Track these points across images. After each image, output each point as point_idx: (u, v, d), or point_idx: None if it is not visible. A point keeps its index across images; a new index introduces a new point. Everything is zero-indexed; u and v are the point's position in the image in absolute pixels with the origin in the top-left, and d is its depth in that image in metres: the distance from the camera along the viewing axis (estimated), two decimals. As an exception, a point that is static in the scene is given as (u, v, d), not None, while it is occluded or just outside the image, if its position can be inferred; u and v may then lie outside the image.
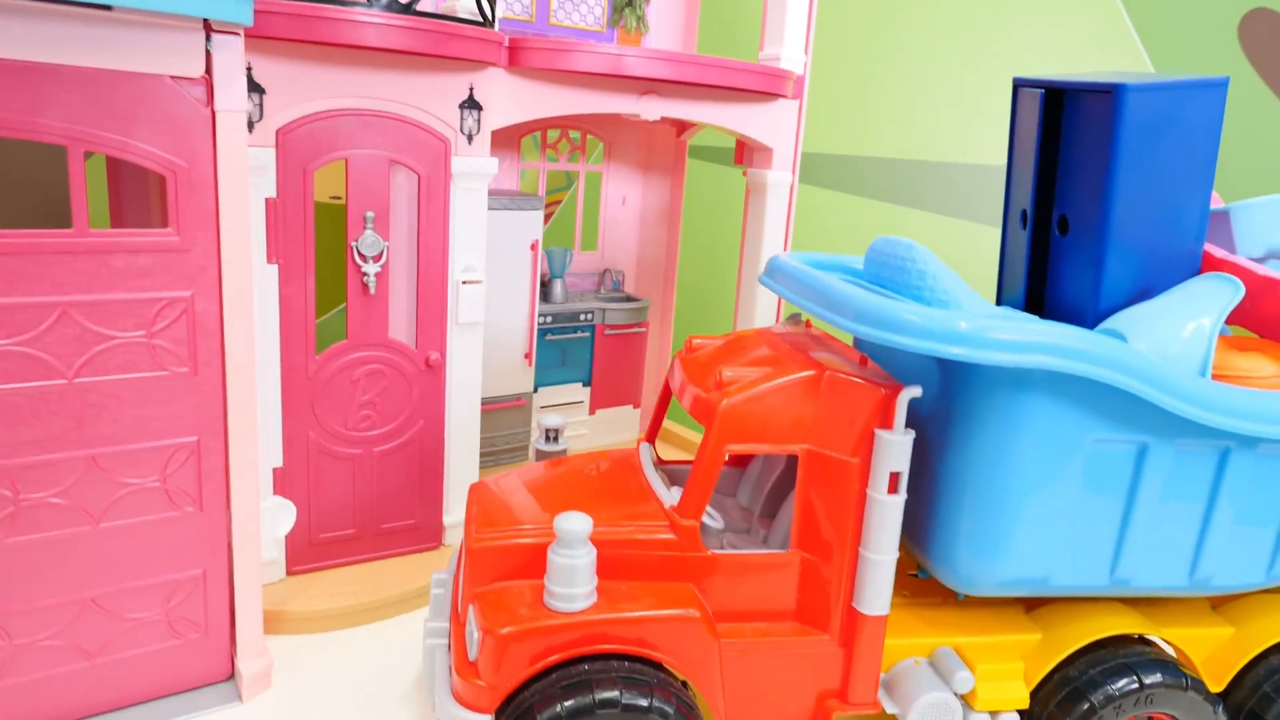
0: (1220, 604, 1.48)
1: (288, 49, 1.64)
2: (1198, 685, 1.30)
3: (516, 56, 1.88)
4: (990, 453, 1.24)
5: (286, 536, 1.85)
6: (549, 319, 2.58)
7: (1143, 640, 1.38)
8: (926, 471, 1.33)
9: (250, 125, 1.63)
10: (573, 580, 1.19)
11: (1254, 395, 1.23)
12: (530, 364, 2.50)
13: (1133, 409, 1.21)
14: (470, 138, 1.87)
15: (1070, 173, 1.46)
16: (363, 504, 1.93)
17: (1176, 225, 1.40)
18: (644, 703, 1.16)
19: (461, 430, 2.02)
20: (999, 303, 1.66)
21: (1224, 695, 1.40)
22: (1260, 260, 1.49)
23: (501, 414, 2.50)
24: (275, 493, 1.80)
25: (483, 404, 2.42)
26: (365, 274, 1.80)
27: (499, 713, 1.19)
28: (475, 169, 1.88)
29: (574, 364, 2.71)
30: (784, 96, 2.31)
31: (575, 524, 1.18)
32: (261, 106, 1.64)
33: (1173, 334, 1.28)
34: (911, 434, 1.22)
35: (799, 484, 1.27)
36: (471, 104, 1.86)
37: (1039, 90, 1.47)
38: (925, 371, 1.35)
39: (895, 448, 1.21)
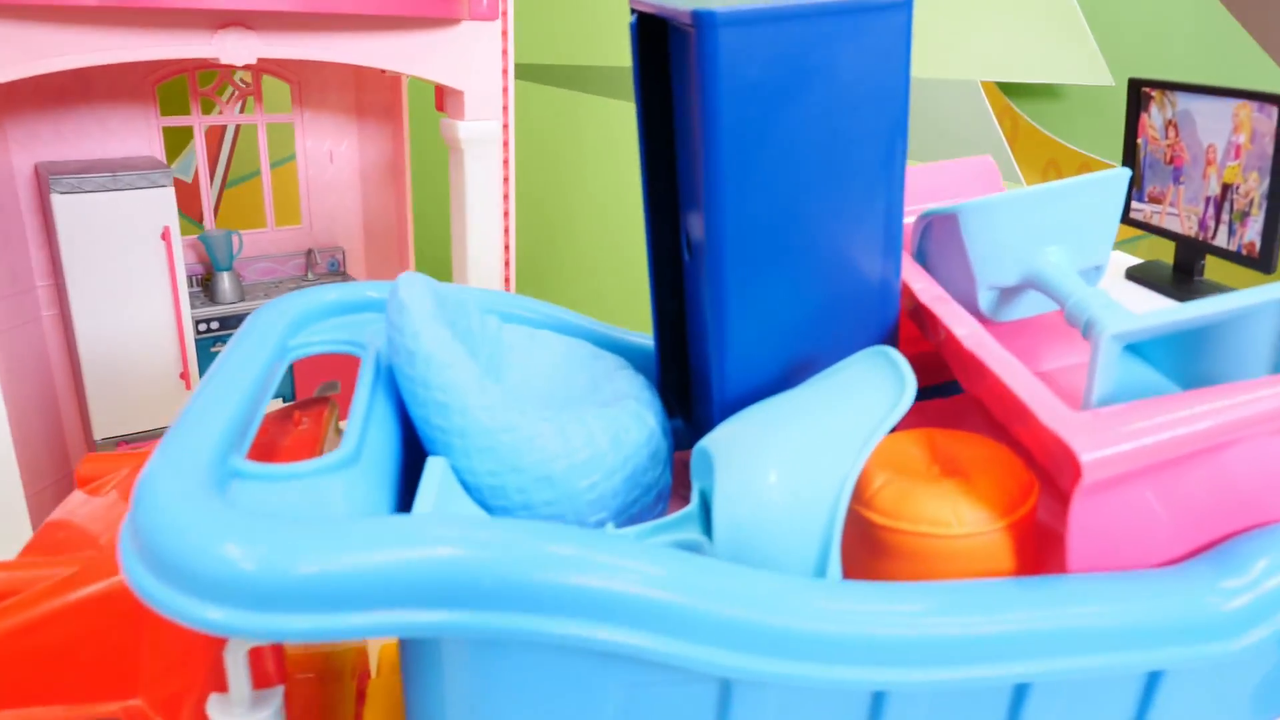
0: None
1: None
2: None
3: (-44, -15, 1.24)
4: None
5: None
6: (215, 325, 1.98)
7: None
8: None
9: None
10: None
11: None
12: (189, 386, 1.92)
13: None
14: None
15: (685, 155, 0.88)
16: None
17: (846, 243, 0.83)
18: None
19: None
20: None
21: None
22: (1012, 290, 0.92)
23: (160, 452, 1.93)
24: None
25: (127, 442, 1.87)
26: None
27: None
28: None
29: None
30: (462, 18, 1.67)
31: None
32: None
33: (793, 481, 0.72)
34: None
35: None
36: (-108, 61, 1.23)
37: (633, 17, 0.88)
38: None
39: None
